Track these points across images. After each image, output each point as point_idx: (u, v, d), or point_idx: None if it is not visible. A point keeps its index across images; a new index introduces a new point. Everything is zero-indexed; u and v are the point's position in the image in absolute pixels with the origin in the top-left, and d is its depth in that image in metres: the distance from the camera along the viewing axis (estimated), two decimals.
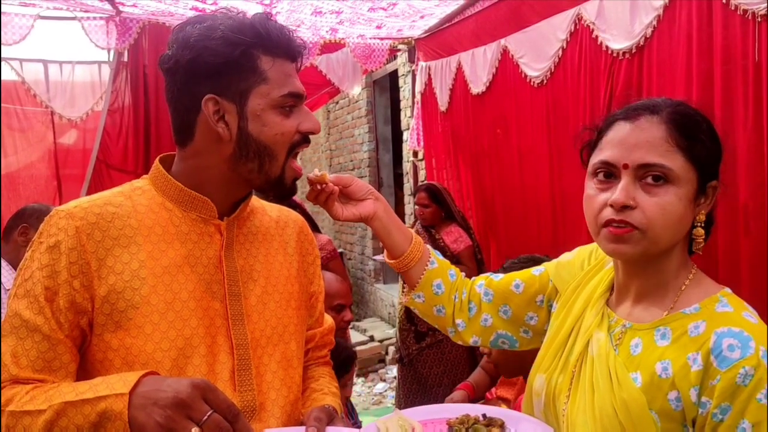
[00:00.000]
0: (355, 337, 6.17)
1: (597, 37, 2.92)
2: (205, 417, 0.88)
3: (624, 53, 2.77)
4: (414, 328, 4.14)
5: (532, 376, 1.25)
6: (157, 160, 1.21)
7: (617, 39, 2.80)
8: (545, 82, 3.38)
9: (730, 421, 0.94)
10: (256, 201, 1.31)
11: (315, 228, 4.26)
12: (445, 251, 4.07)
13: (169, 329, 1.09)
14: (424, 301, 1.38)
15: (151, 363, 1.07)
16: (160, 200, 1.16)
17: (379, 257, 4.16)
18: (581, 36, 3.06)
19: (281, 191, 1.19)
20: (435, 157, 4.96)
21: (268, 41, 1.12)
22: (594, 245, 1.28)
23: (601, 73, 2.93)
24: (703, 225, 1.07)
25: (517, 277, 1.36)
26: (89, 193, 4.00)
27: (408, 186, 6.37)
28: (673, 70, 2.55)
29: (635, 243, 1.03)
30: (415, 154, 5.51)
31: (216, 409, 0.90)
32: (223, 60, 1.10)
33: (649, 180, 1.02)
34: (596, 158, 1.08)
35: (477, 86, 4.09)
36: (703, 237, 1.08)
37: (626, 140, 1.04)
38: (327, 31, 4.62)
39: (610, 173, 1.06)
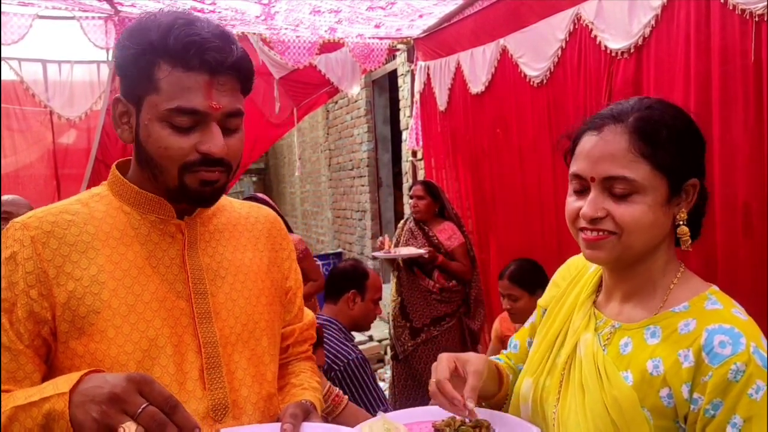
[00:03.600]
0: (354, 337, 6.17)
1: (596, 36, 2.92)
2: (140, 410, 0.86)
3: (623, 53, 2.77)
4: (409, 324, 4.15)
5: (520, 381, 1.26)
6: (114, 165, 1.20)
7: (616, 39, 2.80)
8: (545, 81, 3.38)
9: (721, 417, 0.96)
10: (223, 198, 1.28)
11: (287, 227, 4.27)
12: (439, 248, 4.08)
13: (132, 331, 1.09)
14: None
15: (117, 367, 1.06)
16: (117, 204, 1.16)
17: (379, 254, 4.18)
18: (580, 36, 3.06)
19: (189, 200, 1.15)
20: (434, 157, 4.96)
21: (165, 48, 1.05)
22: (569, 261, 1.33)
23: (600, 72, 2.93)
24: (686, 223, 1.08)
25: (527, 335, 1.38)
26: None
27: (407, 186, 6.37)
28: (671, 70, 2.55)
29: (610, 249, 1.06)
30: (414, 153, 5.51)
31: (152, 401, 0.88)
32: (122, 61, 1.09)
33: (616, 191, 1.04)
34: (571, 169, 1.11)
35: (476, 86, 4.09)
36: (689, 234, 1.08)
37: (592, 153, 1.06)
38: (326, 31, 4.62)
39: (582, 184, 1.08)
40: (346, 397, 2.05)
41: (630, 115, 1.06)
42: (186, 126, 1.07)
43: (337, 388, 2.05)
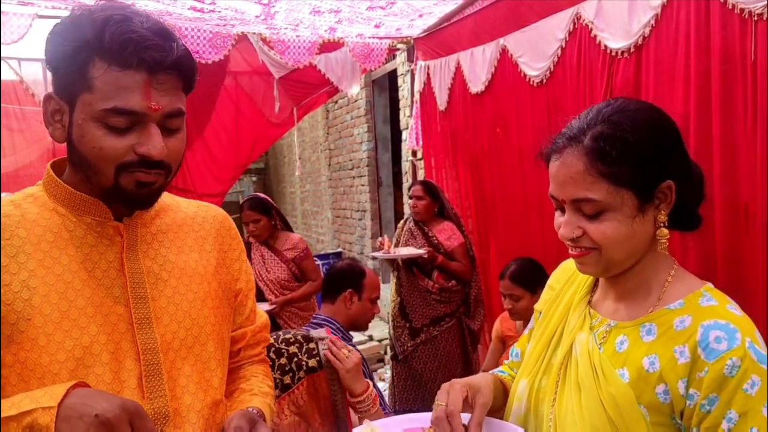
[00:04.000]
0: (354, 336, 6.17)
1: (596, 36, 2.91)
2: None
3: (623, 52, 2.77)
4: (408, 324, 4.15)
5: (516, 382, 1.27)
6: (48, 165, 1.15)
7: (616, 38, 2.80)
8: (544, 81, 3.38)
9: (717, 412, 0.97)
10: (168, 197, 1.25)
11: (287, 227, 4.29)
12: (438, 248, 4.08)
13: (65, 339, 1.03)
14: None
15: (48, 376, 1.02)
16: (52, 206, 1.10)
17: (378, 254, 4.18)
18: (580, 35, 3.05)
19: (125, 202, 1.10)
20: (434, 157, 4.96)
21: (100, 45, 1.00)
22: (563, 264, 1.35)
23: (599, 72, 2.92)
24: (666, 225, 1.08)
25: (527, 342, 1.37)
26: None
27: (407, 185, 6.37)
28: (671, 70, 2.55)
29: (595, 263, 1.09)
30: (414, 153, 5.51)
31: None
32: (53, 57, 1.04)
33: (586, 211, 1.06)
34: (550, 188, 1.13)
35: (476, 86, 4.09)
36: (667, 237, 1.09)
37: (557, 177, 1.09)
38: (326, 30, 4.62)
39: (558, 204, 1.12)
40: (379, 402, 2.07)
41: (586, 134, 1.06)
42: (122, 127, 1.02)
43: (377, 392, 2.06)
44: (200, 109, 4.49)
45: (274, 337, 2.12)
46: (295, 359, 2.05)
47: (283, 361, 2.04)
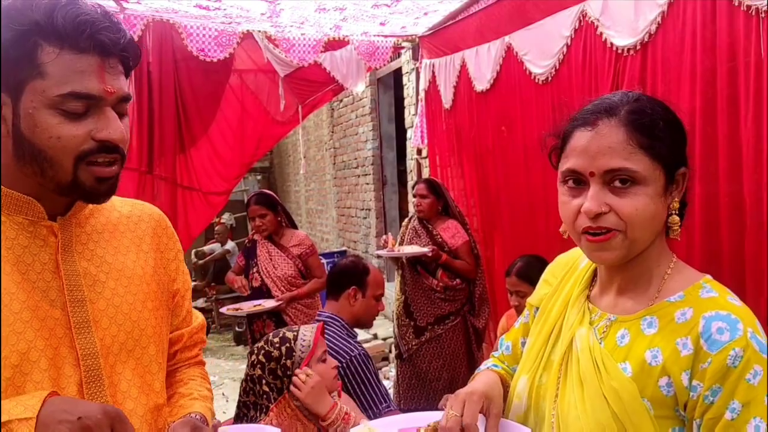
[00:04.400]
0: (358, 334, 6.18)
1: (601, 34, 2.91)
2: None
3: (629, 50, 2.76)
4: (413, 323, 4.15)
5: (515, 379, 1.26)
6: None
7: (622, 36, 2.79)
8: (550, 79, 3.37)
9: (720, 402, 0.97)
10: None
11: (292, 224, 4.30)
12: (442, 246, 4.08)
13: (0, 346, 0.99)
14: None
15: None
16: None
17: (382, 252, 4.18)
18: (585, 33, 3.05)
19: (84, 196, 1.06)
20: (439, 155, 4.96)
21: (51, 28, 0.96)
22: (558, 258, 1.34)
23: (605, 70, 2.92)
24: (677, 212, 1.09)
25: (519, 335, 1.37)
26: None
27: (412, 184, 6.37)
28: (677, 67, 2.54)
29: (616, 247, 1.05)
30: (419, 151, 5.51)
31: None
32: None
33: (617, 184, 1.03)
34: (564, 166, 1.09)
35: (481, 83, 4.08)
36: (679, 224, 1.09)
37: (588, 148, 1.05)
38: (331, 28, 4.62)
39: (579, 180, 1.07)
40: (353, 416, 2.05)
41: (621, 108, 1.05)
42: (80, 112, 0.99)
43: (346, 409, 2.05)
44: (205, 107, 4.49)
45: (263, 341, 2.12)
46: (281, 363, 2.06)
47: (272, 365, 2.05)
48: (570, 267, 1.28)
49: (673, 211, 1.08)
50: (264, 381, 2.04)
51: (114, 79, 1.02)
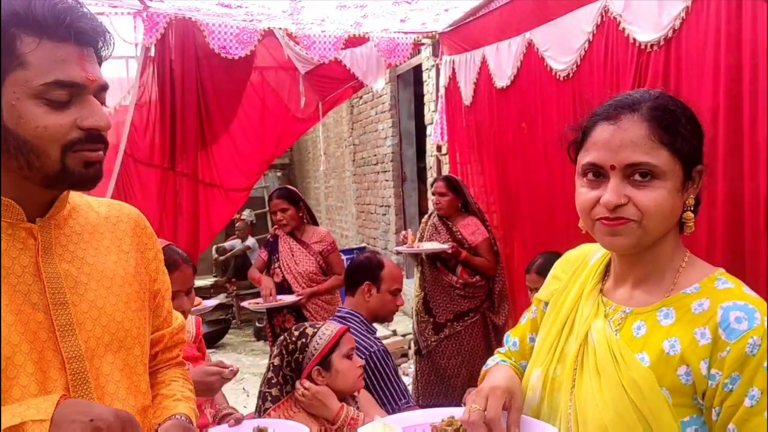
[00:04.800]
0: (377, 330, 6.19)
1: (624, 29, 2.88)
2: None
3: (652, 46, 2.73)
4: (432, 319, 4.16)
5: (528, 373, 1.28)
6: None
7: (645, 31, 2.76)
8: (571, 75, 3.35)
9: (739, 390, 0.99)
10: (77, 197, 1.17)
11: (313, 221, 4.32)
12: (462, 243, 4.08)
13: None
14: None
15: None
16: None
17: (402, 248, 4.19)
18: (608, 28, 3.02)
19: (72, 184, 1.05)
20: (459, 152, 4.95)
21: (30, 18, 0.95)
22: (567, 254, 1.37)
23: (627, 66, 2.89)
24: (692, 208, 1.11)
25: (527, 331, 1.39)
26: (116, 187, 4.07)
27: (431, 180, 6.37)
28: (701, 63, 2.51)
29: (630, 234, 1.07)
30: (439, 148, 5.50)
31: None
32: None
33: (637, 177, 1.06)
34: (584, 159, 1.12)
35: (501, 80, 4.07)
36: (693, 220, 1.12)
37: (610, 142, 1.07)
38: (351, 25, 4.63)
39: (598, 173, 1.09)
40: (361, 416, 2.07)
41: (643, 104, 1.08)
42: (63, 101, 0.98)
43: (354, 413, 2.07)
44: (226, 104, 4.53)
45: (287, 332, 2.15)
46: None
47: (288, 358, 2.09)
48: (580, 262, 1.30)
49: (688, 208, 1.11)
50: (281, 373, 2.08)
51: (93, 68, 1.01)
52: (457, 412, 1.27)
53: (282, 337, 2.16)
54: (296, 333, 2.11)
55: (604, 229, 1.09)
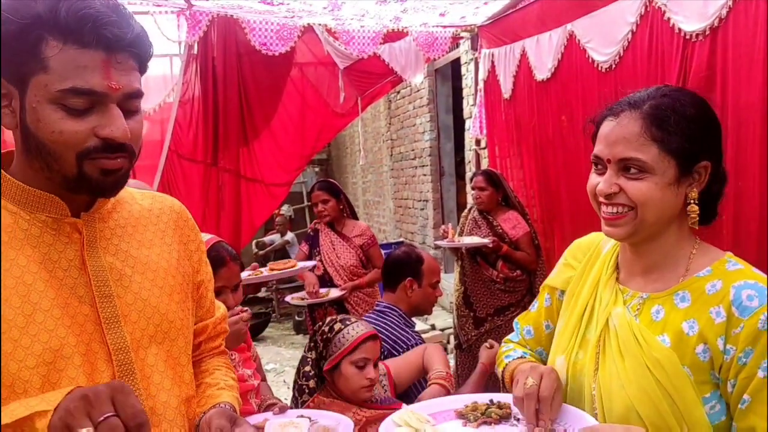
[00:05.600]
0: (416, 323, 6.21)
1: (669, 19, 2.83)
2: (102, 417, 0.82)
3: (697, 35, 2.68)
4: (473, 314, 4.15)
5: (552, 359, 1.35)
6: None
7: (690, 21, 2.71)
8: (613, 66, 3.30)
9: (753, 362, 1.08)
10: (124, 190, 1.16)
11: (353, 215, 4.35)
12: (503, 237, 4.06)
13: (33, 343, 0.98)
14: None
15: (18, 383, 0.96)
16: (1, 203, 1.03)
17: (442, 243, 4.19)
18: (652, 18, 2.97)
19: (90, 191, 1.04)
20: (498, 145, 4.92)
21: (54, 22, 0.94)
22: (576, 242, 1.48)
23: (672, 56, 2.84)
24: (696, 202, 1.18)
25: (542, 319, 1.47)
26: (161, 182, 4.16)
27: (470, 175, 6.34)
28: (749, 53, 2.46)
29: (626, 224, 1.18)
30: (478, 142, 5.48)
31: (120, 413, 0.84)
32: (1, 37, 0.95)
33: (631, 170, 1.16)
34: (594, 151, 1.23)
35: (542, 72, 4.03)
36: (698, 213, 1.18)
37: (609, 136, 1.18)
38: (391, 20, 4.64)
39: (601, 165, 1.21)
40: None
41: (646, 103, 1.16)
42: (81, 108, 0.97)
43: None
44: (267, 100, 4.59)
45: (323, 322, 2.16)
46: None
47: (316, 352, 2.09)
48: (592, 251, 1.39)
49: (691, 201, 1.17)
50: (311, 362, 2.09)
51: (121, 75, 0.99)
52: (480, 399, 1.31)
53: (316, 327, 2.16)
54: (326, 328, 2.09)
55: (606, 221, 1.21)
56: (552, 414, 1.18)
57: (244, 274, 3.57)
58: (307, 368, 2.10)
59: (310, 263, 3.92)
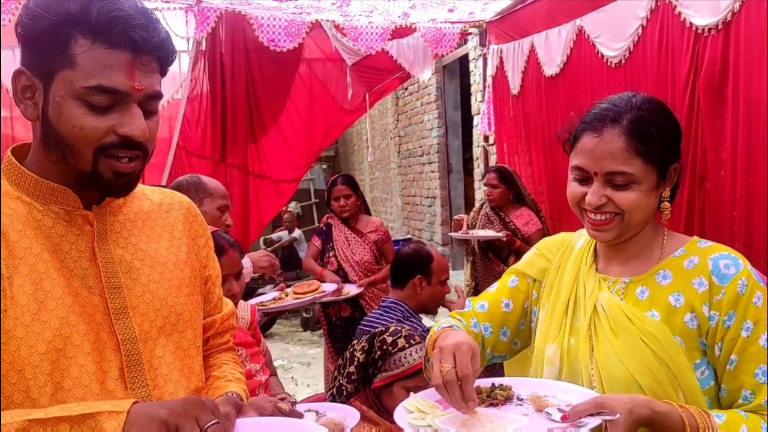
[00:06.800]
0: (424, 322, 6.19)
1: (680, 13, 2.81)
2: (210, 423, 0.89)
3: (709, 30, 2.66)
4: None
5: (541, 349, 1.39)
6: (9, 151, 1.09)
7: (702, 15, 2.69)
8: (623, 61, 3.29)
9: (736, 325, 1.19)
10: None
11: (366, 211, 4.33)
12: (516, 234, 4.05)
13: (44, 330, 1.00)
14: None
15: (29, 368, 0.98)
16: (16, 194, 1.06)
17: (456, 234, 4.16)
18: (662, 13, 2.95)
19: (100, 189, 1.07)
20: (506, 142, 4.91)
21: (85, 21, 0.97)
22: (546, 240, 1.52)
23: (683, 51, 2.82)
24: (669, 199, 1.29)
25: (502, 297, 1.49)
26: (170, 180, 4.17)
27: (478, 171, 6.33)
28: (761, 47, 2.43)
29: (613, 228, 1.27)
30: (486, 138, 5.46)
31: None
32: (30, 32, 0.99)
33: (617, 181, 1.24)
34: (573, 161, 1.30)
35: (551, 68, 4.02)
36: (669, 209, 1.29)
37: (593, 152, 1.25)
38: (399, 16, 4.63)
39: (583, 175, 1.28)
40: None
41: (623, 117, 1.24)
42: (104, 105, 1.00)
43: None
44: (275, 96, 4.59)
45: (385, 330, 2.07)
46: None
47: (369, 357, 2.01)
48: (565, 246, 1.45)
49: (665, 199, 1.29)
50: (363, 371, 2.01)
51: (145, 77, 1.02)
52: (482, 383, 1.31)
53: (375, 333, 2.06)
54: (389, 338, 2.01)
55: (591, 226, 1.29)
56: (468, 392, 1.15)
57: (268, 297, 3.57)
58: (352, 368, 2.02)
59: (332, 286, 3.86)
